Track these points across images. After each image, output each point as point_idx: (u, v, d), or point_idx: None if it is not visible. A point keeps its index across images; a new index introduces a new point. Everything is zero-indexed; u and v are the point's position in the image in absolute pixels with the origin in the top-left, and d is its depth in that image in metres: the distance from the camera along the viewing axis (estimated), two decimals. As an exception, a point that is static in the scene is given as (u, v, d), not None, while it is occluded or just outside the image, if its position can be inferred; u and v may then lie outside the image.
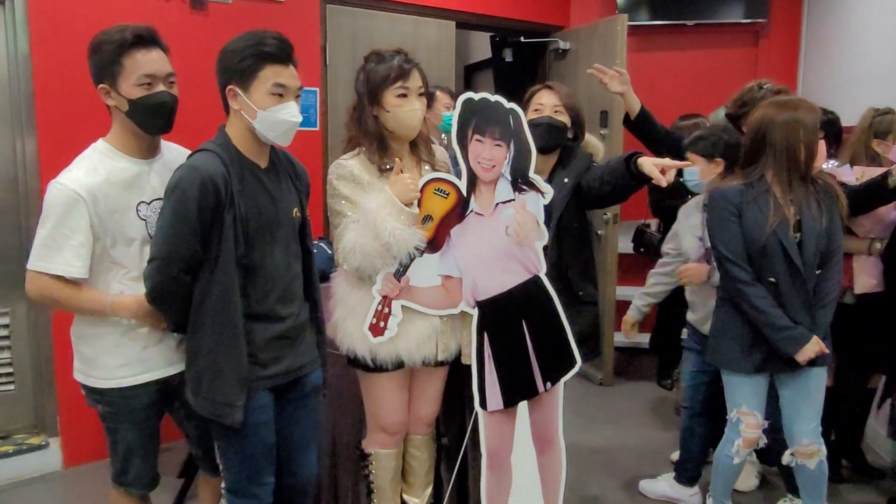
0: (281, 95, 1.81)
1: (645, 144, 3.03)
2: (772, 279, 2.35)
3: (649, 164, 2.16)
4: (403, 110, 2.04)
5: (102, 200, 1.82)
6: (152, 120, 1.86)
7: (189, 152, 1.91)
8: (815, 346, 2.33)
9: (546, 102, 2.38)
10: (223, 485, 1.98)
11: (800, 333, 2.34)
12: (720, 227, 2.40)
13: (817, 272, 2.37)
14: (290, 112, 1.83)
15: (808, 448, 2.45)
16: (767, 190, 2.35)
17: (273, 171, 1.94)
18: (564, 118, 2.44)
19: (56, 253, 1.79)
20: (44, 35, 2.99)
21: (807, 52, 4.67)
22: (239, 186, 1.81)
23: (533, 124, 2.33)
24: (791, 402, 2.45)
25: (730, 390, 2.52)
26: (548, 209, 2.22)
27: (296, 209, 1.98)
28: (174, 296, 1.80)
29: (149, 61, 1.82)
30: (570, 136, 2.52)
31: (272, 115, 1.81)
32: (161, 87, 1.84)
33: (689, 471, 2.97)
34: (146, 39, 1.83)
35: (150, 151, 1.93)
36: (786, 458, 2.50)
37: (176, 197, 1.74)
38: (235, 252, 1.79)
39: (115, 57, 1.80)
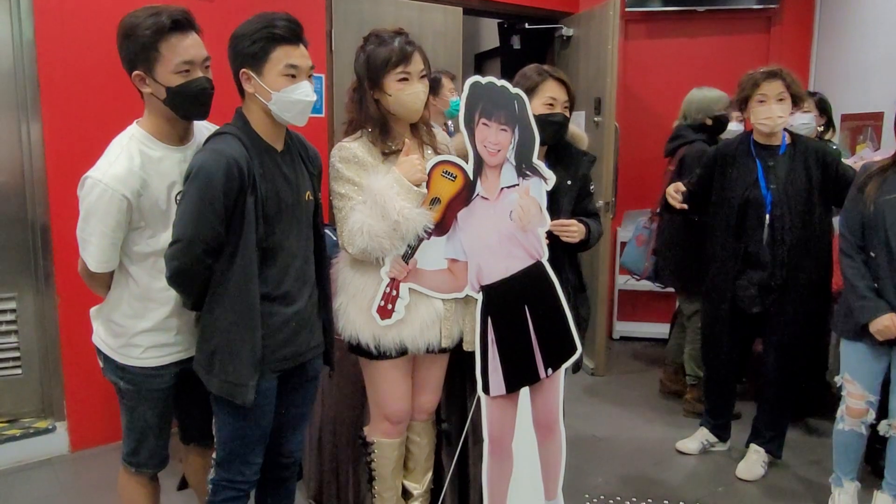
0: (294, 76, 1.81)
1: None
2: (872, 253, 2.47)
3: None
4: (405, 93, 2.01)
5: (144, 194, 1.82)
6: (192, 107, 1.84)
7: (214, 127, 1.92)
8: (887, 321, 2.40)
9: (559, 98, 2.32)
10: (213, 455, 2.00)
11: (875, 305, 2.43)
12: (848, 197, 2.59)
13: None
14: (304, 92, 1.83)
15: None
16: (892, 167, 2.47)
17: (288, 154, 1.94)
18: (568, 113, 2.38)
19: (99, 250, 1.84)
20: (48, 21, 2.98)
21: (819, 39, 4.61)
22: (260, 170, 1.82)
23: (548, 120, 2.28)
24: (894, 377, 2.52)
25: (841, 355, 2.64)
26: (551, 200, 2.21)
27: (308, 192, 1.98)
28: (195, 277, 1.81)
29: (187, 47, 1.77)
30: None
31: (286, 95, 1.81)
32: (199, 73, 1.81)
33: None
34: (183, 23, 1.77)
35: (184, 137, 1.92)
36: (882, 428, 2.56)
37: (201, 180, 1.74)
38: (256, 234, 1.81)
39: (152, 43, 1.74)
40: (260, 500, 2.18)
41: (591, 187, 2.47)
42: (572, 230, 2.26)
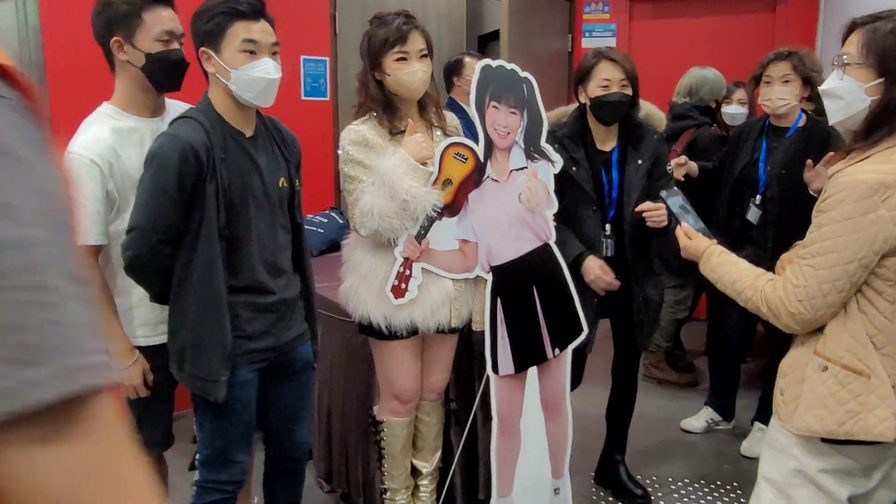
0: (253, 52, 1.74)
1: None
2: None
3: None
4: (403, 73, 2.02)
5: (116, 164, 1.81)
6: (168, 77, 1.87)
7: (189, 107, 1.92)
8: None
9: (613, 77, 2.34)
10: (197, 456, 1.96)
11: None
12: None
13: None
14: (265, 69, 1.75)
15: None
16: None
17: (259, 139, 1.88)
18: (629, 91, 2.38)
19: (82, 219, 1.79)
20: (54, 5, 2.98)
21: (825, 19, 4.58)
22: (222, 155, 1.74)
23: (602, 101, 2.33)
24: None
25: None
26: (560, 183, 2.25)
27: (283, 179, 1.91)
28: (153, 267, 1.76)
29: (169, 18, 1.84)
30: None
31: (245, 73, 1.73)
32: (177, 45, 1.86)
33: None
34: None
35: (157, 110, 1.93)
36: None
37: (155, 166, 1.69)
38: (217, 223, 1.74)
39: (136, 10, 1.79)
40: (269, 485, 2.19)
41: (670, 168, 2.49)
42: (659, 213, 2.28)
